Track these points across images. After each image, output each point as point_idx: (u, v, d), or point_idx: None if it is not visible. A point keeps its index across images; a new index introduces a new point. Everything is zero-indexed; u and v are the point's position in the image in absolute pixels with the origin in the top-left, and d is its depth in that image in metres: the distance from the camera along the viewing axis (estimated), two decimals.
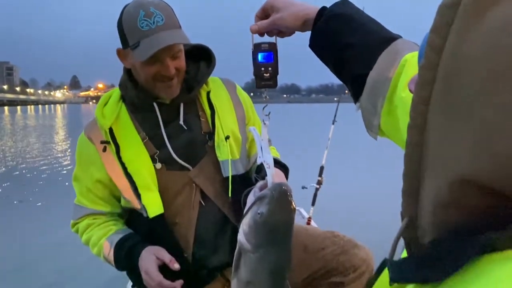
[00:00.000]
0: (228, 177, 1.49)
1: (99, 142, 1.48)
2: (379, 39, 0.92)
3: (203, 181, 1.50)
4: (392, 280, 0.51)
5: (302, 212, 4.17)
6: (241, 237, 1.03)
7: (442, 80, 0.43)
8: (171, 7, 1.42)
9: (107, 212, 1.57)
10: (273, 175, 1.03)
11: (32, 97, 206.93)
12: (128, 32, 1.37)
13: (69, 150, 16.30)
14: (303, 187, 3.82)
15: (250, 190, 1.05)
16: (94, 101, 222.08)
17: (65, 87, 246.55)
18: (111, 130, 1.47)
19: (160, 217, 1.45)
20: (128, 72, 1.52)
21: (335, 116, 3.90)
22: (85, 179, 1.55)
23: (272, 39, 1.06)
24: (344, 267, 1.55)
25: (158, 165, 1.47)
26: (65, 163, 12.84)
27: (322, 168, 3.74)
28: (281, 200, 0.99)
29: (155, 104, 1.49)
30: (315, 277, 1.57)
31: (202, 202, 1.51)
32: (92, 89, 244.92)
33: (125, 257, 1.46)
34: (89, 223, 1.57)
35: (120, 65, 1.51)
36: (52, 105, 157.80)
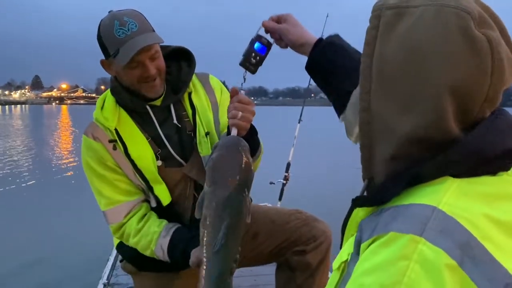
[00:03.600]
0: None
1: (107, 141, 1.59)
2: None
3: (196, 174, 1.66)
4: (355, 206, 0.77)
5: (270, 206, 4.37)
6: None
7: (376, 74, 0.71)
8: (143, 14, 1.54)
9: (143, 199, 1.66)
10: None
11: None
12: (107, 43, 1.50)
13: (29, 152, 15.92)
14: (271, 183, 4.02)
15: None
16: (57, 102, 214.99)
17: (27, 87, 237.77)
18: (118, 132, 1.59)
19: (166, 206, 1.62)
20: (116, 78, 1.64)
21: (301, 115, 4.12)
22: (109, 172, 1.62)
23: (271, 40, 1.34)
24: (305, 237, 1.76)
25: (159, 163, 1.62)
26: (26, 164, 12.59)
27: (288, 165, 3.95)
28: (227, 146, 1.31)
29: (148, 107, 1.62)
30: (281, 247, 1.78)
31: (195, 194, 1.67)
32: (55, 89, 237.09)
33: (181, 259, 1.54)
34: (136, 229, 1.62)
35: (84, 66, 1.65)
36: (12, 106, 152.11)
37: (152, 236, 1.60)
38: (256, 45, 1.34)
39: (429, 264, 0.56)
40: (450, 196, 0.62)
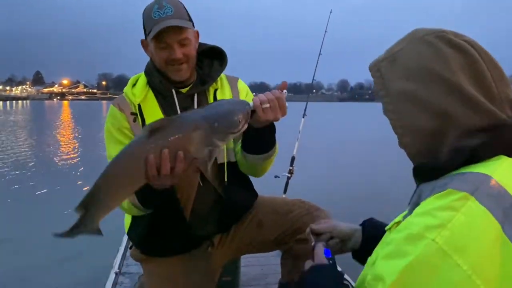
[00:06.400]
0: (221, 163, 1.75)
1: (129, 113, 1.71)
2: None
3: (203, 164, 1.72)
4: (417, 177, 0.89)
5: None
6: None
7: (403, 104, 0.86)
8: (184, 5, 1.70)
9: None
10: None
11: None
12: (146, 23, 1.66)
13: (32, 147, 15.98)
14: (276, 176, 4.06)
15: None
16: (58, 97, 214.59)
17: (28, 82, 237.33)
18: (140, 108, 1.71)
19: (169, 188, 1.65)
20: (152, 59, 1.76)
21: (305, 110, 4.19)
22: (125, 138, 1.70)
23: None
24: (307, 226, 1.81)
25: None
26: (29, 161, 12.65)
27: (293, 159, 4.01)
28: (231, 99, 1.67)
29: (173, 91, 1.73)
30: (285, 235, 1.85)
31: (201, 182, 1.75)
32: (56, 85, 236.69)
33: (145, 190, 1.44)
34: None
35: (85, 62, 1.72)
36: (14, 101, 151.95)
37: None
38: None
39: (474, 218, 0.67)
40: (503, 169, 0.75)
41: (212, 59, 1.83)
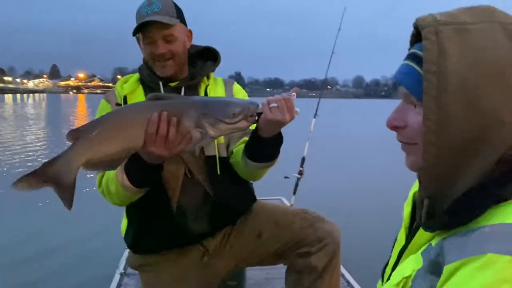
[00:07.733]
0: (210, 156, 1.70)
1: (114, 104, 1.73)
2: None
3: (188, 156, 1.70)
4: (427, 229, 0.73)
5: (284, 201, 4.38)
6: None
7: (450, 91, 0.66)
8: (175, 3, 1.72)
9: None
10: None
11: (10, 86, 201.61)
12: (136, 19, 1.69)
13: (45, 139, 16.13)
14: (286, 177, 4.01)
15: None
16: (74, 91, 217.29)
17: (45, 76, 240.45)
18: (125, 98, 1.73)
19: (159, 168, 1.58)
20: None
21: (316, 110, 4.11)
22: None
23: None
24: (310, 238, 1.75)
25: None
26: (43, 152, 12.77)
27: (303, 159, 3.95)
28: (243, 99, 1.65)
29: (160, 83, 1.74)
30: (285, 248, 1.78)
31: (189, 175, 1.71)
32: (72, 78, 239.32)
33: (137, 166, 1.49)
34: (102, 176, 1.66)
35: (100, 56, 1.74)
36: (30, 94, 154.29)
37: (111, 174, 1.61)
38: None
39: None
40: None
41: (206, 60, 1.85)
